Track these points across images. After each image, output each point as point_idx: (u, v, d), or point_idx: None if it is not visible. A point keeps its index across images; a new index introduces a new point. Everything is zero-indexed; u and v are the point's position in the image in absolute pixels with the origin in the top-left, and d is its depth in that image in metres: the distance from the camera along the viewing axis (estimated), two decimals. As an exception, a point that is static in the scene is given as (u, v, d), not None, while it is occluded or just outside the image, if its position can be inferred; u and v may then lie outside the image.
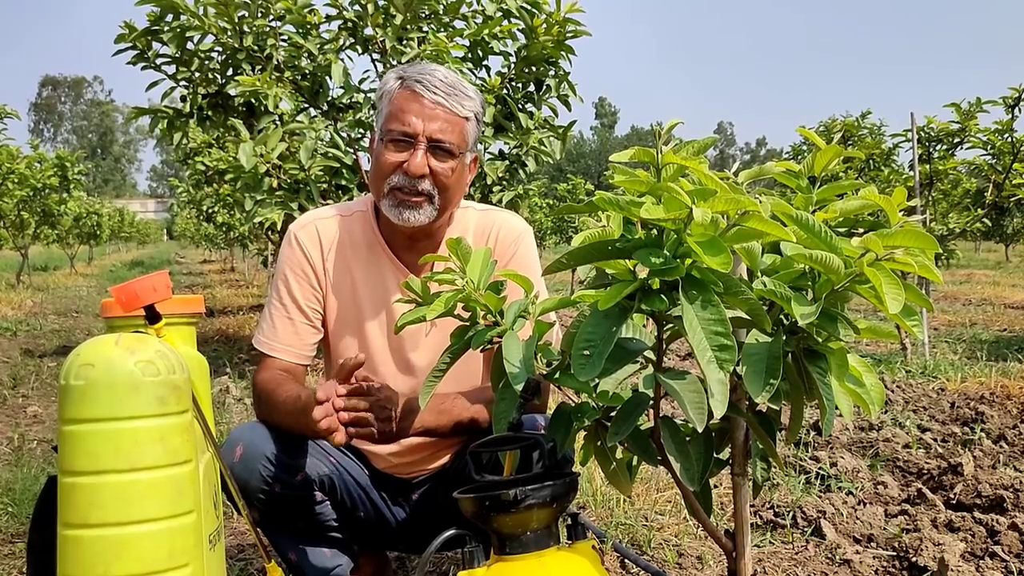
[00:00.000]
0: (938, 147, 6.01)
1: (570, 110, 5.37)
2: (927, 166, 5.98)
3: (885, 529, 2.50)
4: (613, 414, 1.17)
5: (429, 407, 1.60)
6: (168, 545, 1.18)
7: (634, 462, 1.29)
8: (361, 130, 4.93)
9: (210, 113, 5.45)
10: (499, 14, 4.95)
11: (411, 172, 1.65)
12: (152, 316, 1.33)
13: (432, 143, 1.66)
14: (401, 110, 1.66)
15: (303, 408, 1.57)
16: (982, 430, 3.60)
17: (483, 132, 1.80)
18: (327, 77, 4.94)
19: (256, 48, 5.01)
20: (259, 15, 4.93)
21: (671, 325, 1.11)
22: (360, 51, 5.08)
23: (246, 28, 4.95)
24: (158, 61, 5.25)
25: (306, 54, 4.97)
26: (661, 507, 2.71)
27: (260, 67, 5.06)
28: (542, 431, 1.46)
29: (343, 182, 4.89)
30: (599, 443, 1.24)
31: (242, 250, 18.01)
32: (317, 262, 1.78)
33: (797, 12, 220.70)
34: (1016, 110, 5.58)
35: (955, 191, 6.83)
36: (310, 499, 1.74)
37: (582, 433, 1.27)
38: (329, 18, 4.97)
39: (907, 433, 3.60)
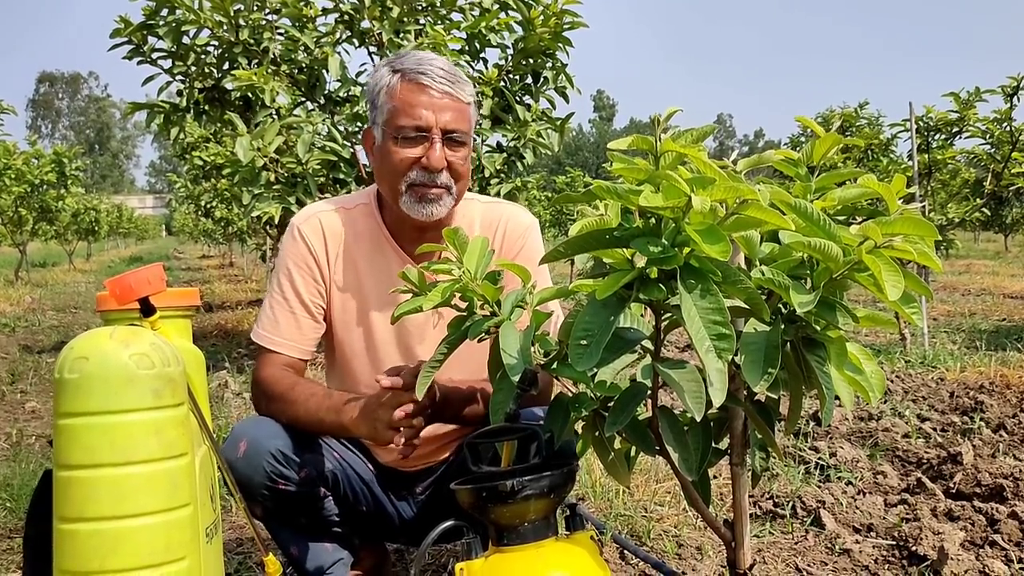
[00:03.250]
0: (937, 137, 5.99)
1: (568, 102, 5.36)
2: (926, 156, 5.96)
3: (885, 519, 2.50)
4: (611, 404, 1.16)
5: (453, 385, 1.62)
6: (164, 539, 1.18)
7: (632, 452, 1.28)
8: (359, 123, 4.91)
9: (207, 107, 5.43)
10: (496, 6, 4.93)
11: (432, 167, 1.63)
12: (147, 309, 1.32)
13: (446, 134, 1.64)
14: (409, 104, 1.63)
15: (336, 405, 1.59)
16: (981, 419, 3.59)
17: (480, 124, 1.79)
18: (324, 70, 4.92)
19: (252, 42, 4.99)
20: (255, 8, 4.90)
21: (669, 314, 1.10)
22: (357, 44, 5.06)
23: (242, 22, 4.92)
24: (154, 56, 5.23)
25: (303, 48, 4.94)
26: (660, 498, 2.71)
27: (256, 61, 5.03)
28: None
29: (341, 175, 4.87)
30: (597, 433, 1.23)
31: (240, 245, 18.00)
32: (321, 255, 1.75)
33: (797, 5, 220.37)
34: (1015, 99, 5.56)
35: (954, 181, 6.82)
36: (314, 495, 1.73)
37: (580, 424, 1.26)
38: (325, 11, 4.95)
39: (906, 423, 3.60)
